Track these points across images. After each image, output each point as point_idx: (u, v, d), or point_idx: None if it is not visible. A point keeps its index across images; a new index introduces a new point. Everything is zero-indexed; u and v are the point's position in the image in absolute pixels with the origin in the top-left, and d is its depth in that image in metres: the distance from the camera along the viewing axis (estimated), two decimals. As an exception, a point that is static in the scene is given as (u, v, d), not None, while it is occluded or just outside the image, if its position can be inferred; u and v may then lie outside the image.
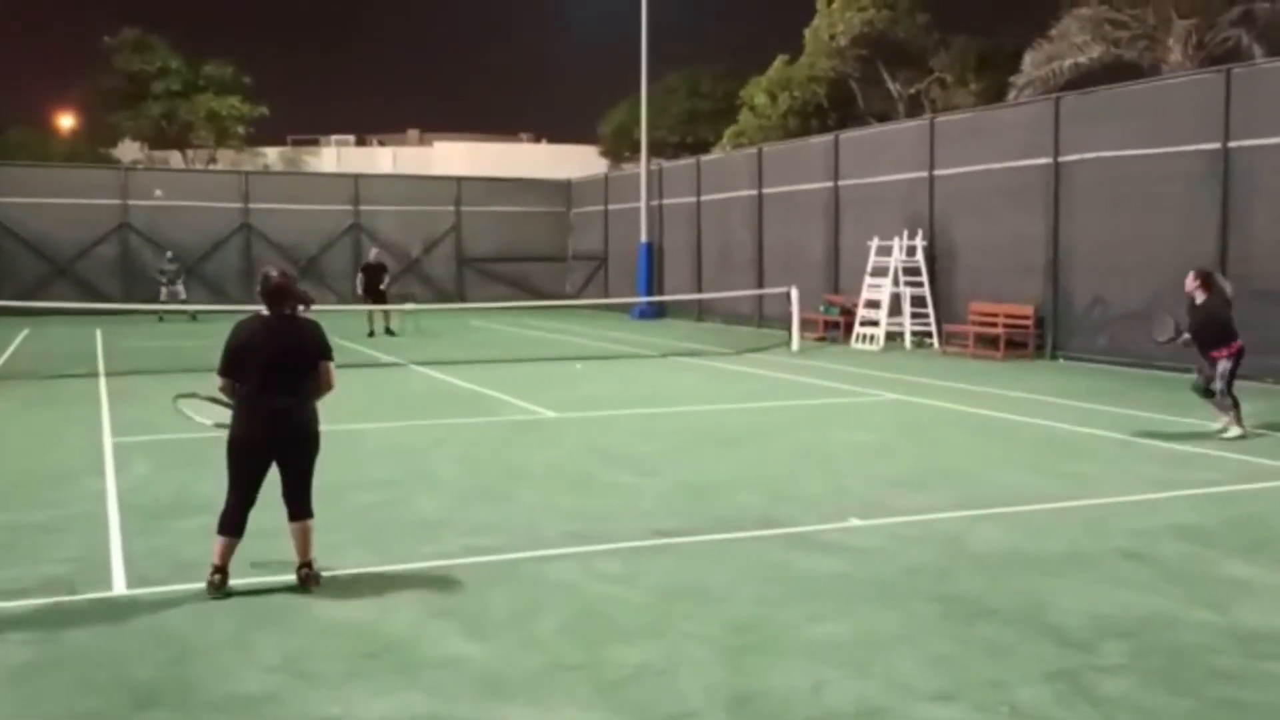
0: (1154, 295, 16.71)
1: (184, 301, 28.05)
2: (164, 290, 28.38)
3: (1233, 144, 15.64)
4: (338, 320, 23.54)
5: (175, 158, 50.57)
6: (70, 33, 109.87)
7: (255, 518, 5.97)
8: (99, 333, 23.82)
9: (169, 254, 29.44)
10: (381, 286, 23.62)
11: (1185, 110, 16.50)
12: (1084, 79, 26.27)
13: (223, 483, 5.98)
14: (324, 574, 6.10)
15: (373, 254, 24.81)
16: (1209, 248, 15.77)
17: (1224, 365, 10.67)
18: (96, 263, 32.18)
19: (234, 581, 5.95)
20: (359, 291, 23.73)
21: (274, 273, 5.96)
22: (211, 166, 47.76)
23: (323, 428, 6.10)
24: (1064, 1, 29.71)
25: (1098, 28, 28.82)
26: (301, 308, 5.99)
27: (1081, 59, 28.46)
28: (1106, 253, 17.57)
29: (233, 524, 5.91)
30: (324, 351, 6.01)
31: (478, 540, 6.99)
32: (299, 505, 5.99)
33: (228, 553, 5.88)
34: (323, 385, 6.00)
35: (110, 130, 49.73)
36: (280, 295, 5.90)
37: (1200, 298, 10.78)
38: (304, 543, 5.98)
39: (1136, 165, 17.07)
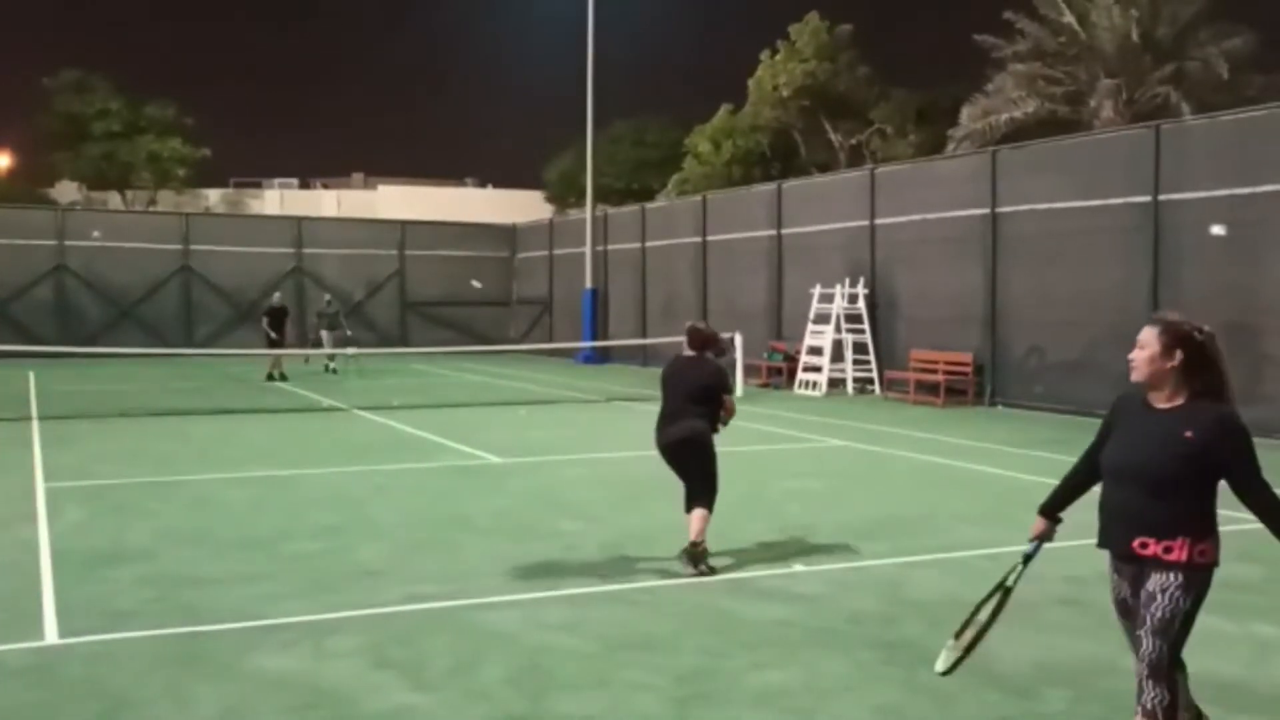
0: (1089, 343, 17.10)
1: (348, 341, 25.52)
2: (326, 336, 26.03)
3: (1163, 197, 16.08)
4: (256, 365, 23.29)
5: (115, 199, 49.89)
6: (7, 74, 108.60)
7: (189, 565, 5.81)
8: (32, 375, 23.33)
9: (326, 297, 27.84)
10: (273, 335, 23.41)
11: (1117, 164, 16.95)
12: (1019, 133, 26.96)
13: (154, 531, 5.89)
14: (264, 623, 6.01)
15: (275, 298, 24.85)
16: (1141, 297, 16.16)
17: None
18: (31, 304, 31.52)
19: (167, 631, 5.92)
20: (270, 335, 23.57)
21: (701, 325, 8.15)
22: (152, 208, 47.16)
23: (260, 473, 6.10)
24: (1000, 58, 30.56)
25: (1032, 84, 29.69)
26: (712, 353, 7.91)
27: (1017, 114, 29.30)
28: (1042, 302, 17.93)
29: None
30: (726, 387, 7.78)
31: (420, 588, 6.92)
32: (694, 498, 7.48)
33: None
34: (726, 412, 7.67)
35: (48, 171, 48.99)
36: (698, 340, 7.92)
37: None
38: (698, 526, 7.36)
39: (1070, 217, 17.48)
